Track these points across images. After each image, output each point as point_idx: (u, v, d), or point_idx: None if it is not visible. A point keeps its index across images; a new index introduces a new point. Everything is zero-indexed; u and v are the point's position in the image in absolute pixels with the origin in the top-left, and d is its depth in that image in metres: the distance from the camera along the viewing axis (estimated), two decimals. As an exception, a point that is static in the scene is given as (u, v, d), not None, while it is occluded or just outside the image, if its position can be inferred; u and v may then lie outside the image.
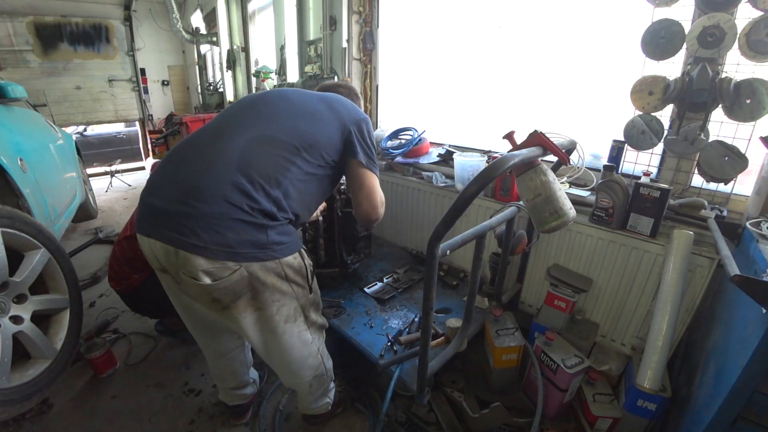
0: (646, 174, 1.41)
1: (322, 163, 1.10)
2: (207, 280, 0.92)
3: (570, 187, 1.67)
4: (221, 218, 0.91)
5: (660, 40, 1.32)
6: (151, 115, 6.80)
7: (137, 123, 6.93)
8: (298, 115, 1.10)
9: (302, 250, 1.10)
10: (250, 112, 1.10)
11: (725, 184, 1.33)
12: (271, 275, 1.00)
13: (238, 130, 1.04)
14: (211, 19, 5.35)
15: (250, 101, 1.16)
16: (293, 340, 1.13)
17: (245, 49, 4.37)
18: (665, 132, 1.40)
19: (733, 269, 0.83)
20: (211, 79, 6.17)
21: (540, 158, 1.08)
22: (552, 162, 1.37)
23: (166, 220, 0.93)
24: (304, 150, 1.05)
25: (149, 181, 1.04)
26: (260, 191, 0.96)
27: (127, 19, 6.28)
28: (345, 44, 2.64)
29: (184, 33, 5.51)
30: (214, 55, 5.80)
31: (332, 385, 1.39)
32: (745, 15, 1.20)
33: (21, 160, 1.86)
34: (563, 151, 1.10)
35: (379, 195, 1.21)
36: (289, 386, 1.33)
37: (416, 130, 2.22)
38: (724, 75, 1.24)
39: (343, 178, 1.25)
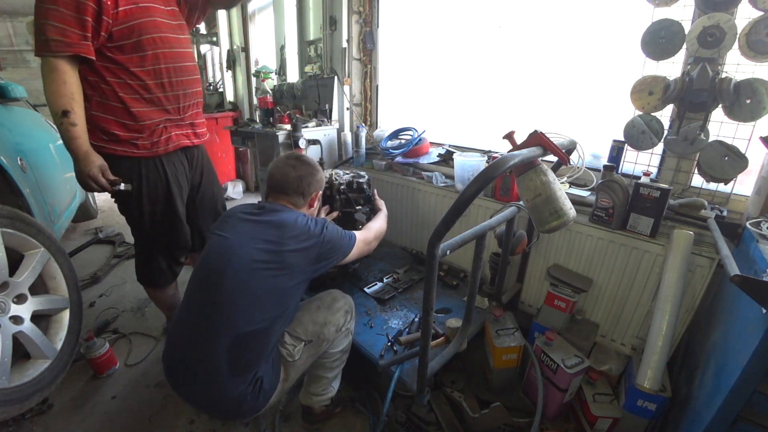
0: (646, 174, 1.41)
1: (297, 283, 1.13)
2: None
3: (570, 187, 1.67)
4: None
5: (660, 40, 1.32)
6: (151, 115, 6.78)
7: (137, 123, 6.92)
8: (262, 296, 1.05)
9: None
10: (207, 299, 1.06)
11: (725, 184, 1.33)
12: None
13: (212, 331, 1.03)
14: (211, 19, 5.34)
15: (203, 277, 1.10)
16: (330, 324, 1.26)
17: (245, 49, 4.37)
18: (665, 132, 1.40)
19: (733, 269, 0.83)
20: (210, 79, 6.15)
21: (540, 158, 1.08)
22: (552, 162, 1.37)
23: None
24: (277, 313, 1.09)
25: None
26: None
27: (127, 19, 6.28)
28: (345, 44, 2.64)
29: (183, 33, 5.50)
30: (214, 55, 5.78)
31: (339, 375, 1.41)
32: (745, 15, 1.20)
33: (21, 160, 1.86)
34: (563, 151, 1.10)
35: (370, 244, 1.38)
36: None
37: (416, 130, 2.22)
38: (724, 75, 1.24)
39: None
